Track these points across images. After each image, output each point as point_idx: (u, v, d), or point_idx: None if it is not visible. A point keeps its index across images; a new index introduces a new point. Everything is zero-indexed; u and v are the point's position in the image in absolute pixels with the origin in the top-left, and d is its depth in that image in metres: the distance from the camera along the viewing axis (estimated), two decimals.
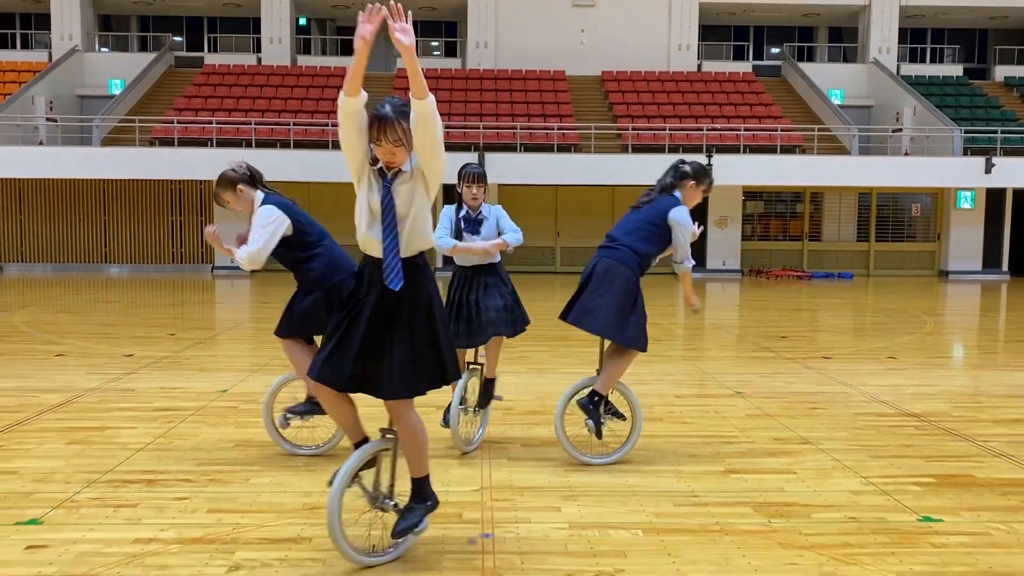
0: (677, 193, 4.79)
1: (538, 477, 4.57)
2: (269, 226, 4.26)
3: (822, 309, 14.79)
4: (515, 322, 4.96)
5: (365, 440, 3.45)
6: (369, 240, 3.28)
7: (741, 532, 3.79)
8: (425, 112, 3.10)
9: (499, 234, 4.87)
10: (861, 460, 4.93)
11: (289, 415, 4.78)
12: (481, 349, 5.08)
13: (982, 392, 7.29)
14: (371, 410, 3.82)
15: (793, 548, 3.61)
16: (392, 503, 3.48)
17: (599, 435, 4.68)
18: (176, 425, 5.59)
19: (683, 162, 4.88)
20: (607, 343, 4.82)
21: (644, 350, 4.70)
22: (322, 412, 4.62)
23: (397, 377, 3.25)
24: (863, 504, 4.18)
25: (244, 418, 5.81)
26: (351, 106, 3.13)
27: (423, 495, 3.42)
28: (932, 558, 3.51)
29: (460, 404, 4.92)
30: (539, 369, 7.85)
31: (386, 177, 3.24)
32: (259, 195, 4.40)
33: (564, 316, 4.77)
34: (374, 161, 3.24)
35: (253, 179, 4.45)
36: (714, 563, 3.45)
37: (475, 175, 4.83)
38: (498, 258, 4.98)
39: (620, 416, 4.83)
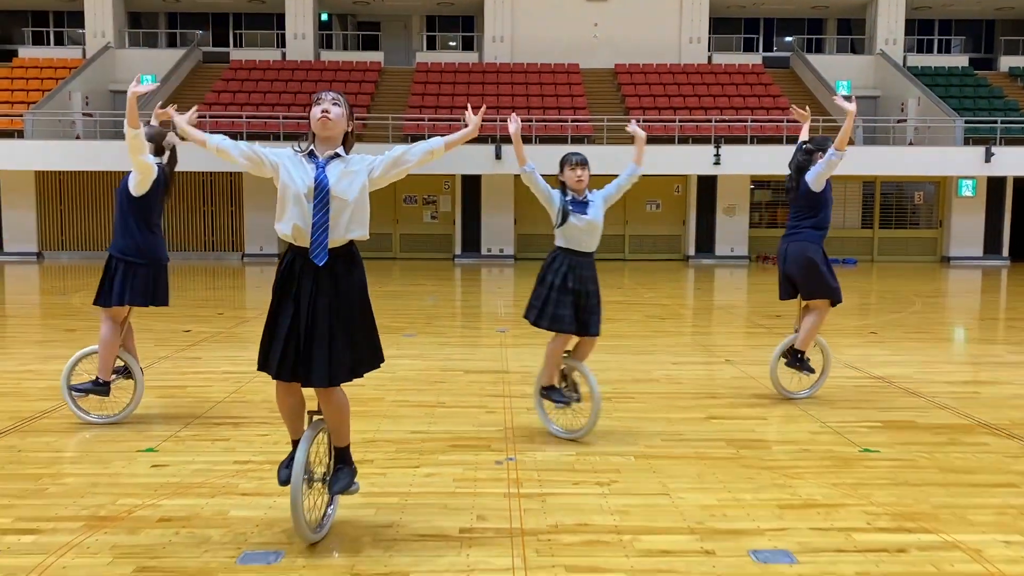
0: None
1: None
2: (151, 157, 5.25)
3: None
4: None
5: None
6: (298, 228, 3.24)
7: (714, 458, 4.73)
8: (439, 155, 3.51)
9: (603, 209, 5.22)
10: (824, 410, 5.86)
11: (74, 392, 5.32)
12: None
13: (945, 360, 8.20)
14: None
15: (754, 468, 4.55)
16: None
17: (811, 370, 6.10)
18: (244, 384, 6.58)
19: (806, 142, 6.17)
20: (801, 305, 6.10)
21: (840, 300, 6.03)
22: (102, 393, 5.30)
23: (337, 363, 3.25)
24: (817, 440, 5.11)
25: None
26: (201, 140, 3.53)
27: (348, 459, 3.56)
28: (861, 475, 4.45)
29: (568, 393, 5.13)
30: None
31: (318, 159, 3.31)
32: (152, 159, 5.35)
33: (798, 296, 6.03)
34: (304, 146, 3.38)
35: (157, 149, 5.41)
36: (689, 477, 4.40)
37: (579, 161, 5.19)
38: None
39: (810, 371, 6.11)
